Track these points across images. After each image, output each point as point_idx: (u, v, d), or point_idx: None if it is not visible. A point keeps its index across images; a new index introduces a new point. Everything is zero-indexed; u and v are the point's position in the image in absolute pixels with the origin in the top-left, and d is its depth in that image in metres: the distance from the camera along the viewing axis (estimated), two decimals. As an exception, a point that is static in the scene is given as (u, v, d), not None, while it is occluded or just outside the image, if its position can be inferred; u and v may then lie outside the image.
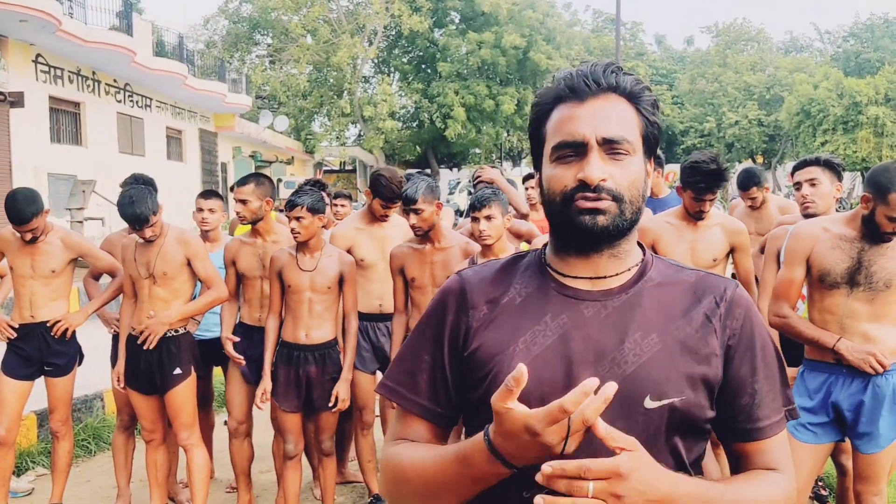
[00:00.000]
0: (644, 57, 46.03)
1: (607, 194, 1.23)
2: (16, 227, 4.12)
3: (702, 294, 1.31)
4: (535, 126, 1.33)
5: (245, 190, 4.26)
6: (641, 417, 1.21)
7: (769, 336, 1.35)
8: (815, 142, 33.21)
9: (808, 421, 3.13)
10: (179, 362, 4.07)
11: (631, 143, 1.26)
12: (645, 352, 1.23)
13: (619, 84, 1.27)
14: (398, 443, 1.35)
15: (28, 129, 14.91)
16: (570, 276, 1.31)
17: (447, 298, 1.37)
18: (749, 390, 1.29)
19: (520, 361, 1.20)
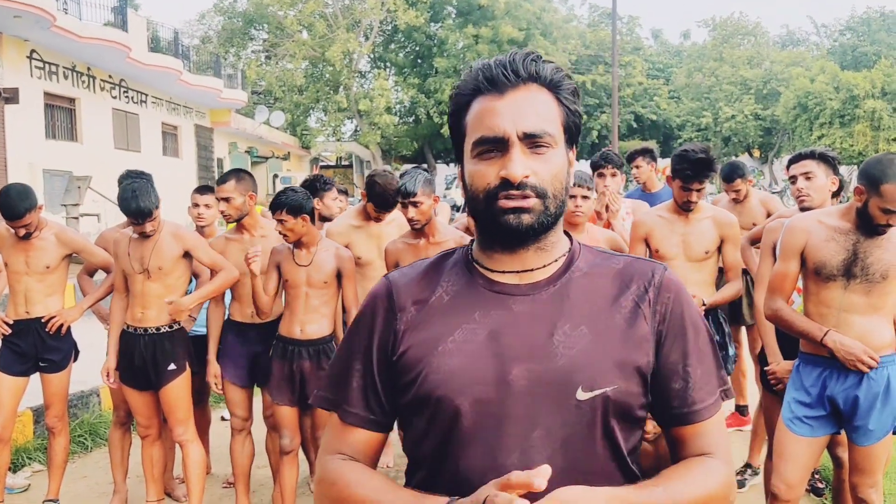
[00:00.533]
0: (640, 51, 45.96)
1: (531, 191, 1.22)
2: (9, 222, 4.11)
3: (630, 280, 1.30)
4: (455, 118, 1.30)
5: (227, 187, 4.20)
6: (574, 409, 1.21)
7: (700, 318, 1.33)
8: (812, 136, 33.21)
9: (805, 414, 3.14)
10: (174, 358, 4.06)
11: (553, 136, 1.24)
12: (575, 343, 1.22)
13: (538, 73, 1.25)
14: (337, 457, 1.34)
15: (23, 126, 14.86)
16: (498, 271, 1.29)
17: (375, 304, 1.36)
18: (681, 374, 1.28)
19: (450, 362, 1.23)
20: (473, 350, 1.23)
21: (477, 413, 1.21)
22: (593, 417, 1.21)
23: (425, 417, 1.26)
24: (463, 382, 1.22)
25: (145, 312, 4.07)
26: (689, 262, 3.93)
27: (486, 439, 1.21)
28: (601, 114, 40.29)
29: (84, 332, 4.62)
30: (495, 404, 1.21)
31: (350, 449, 1.34)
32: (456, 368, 1.23)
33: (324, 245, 4.05)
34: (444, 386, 1.23)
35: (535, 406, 1.20)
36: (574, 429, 1.20)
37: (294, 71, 31.68)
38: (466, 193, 1.28)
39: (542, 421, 1.20)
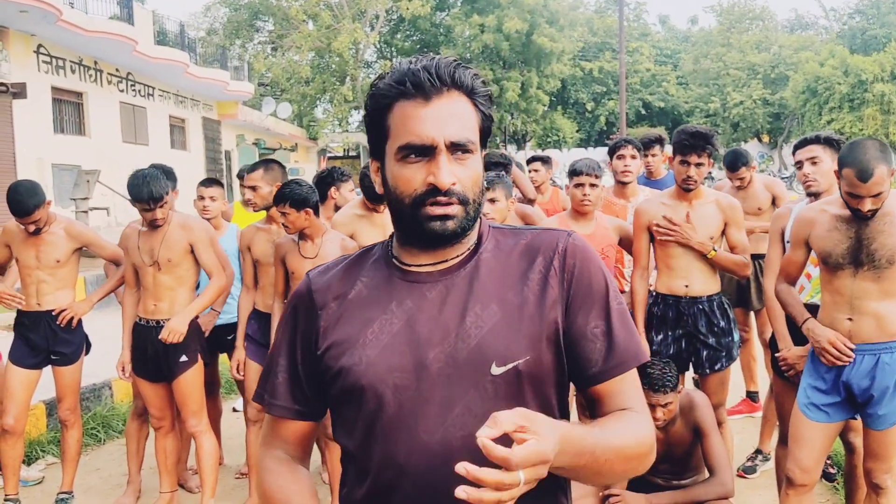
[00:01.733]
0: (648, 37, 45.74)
1: (455, 198, 1.27)
2: (18, 219, 4.14)
3: (536, 252, 1.35)
4: (375, 117, 1.33)
5: (255, 176, 4.27)
6: (490, 385, 1.26)
7: (607, 281, 1.36)
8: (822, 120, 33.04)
9: (821, 401, 3.13)
10: (186, 350, 4.07)
11: (474, 144, 1.29)
12: (486, 322, 1.28)
13: (460, 80, 1.29)
14: (271, 453, 1.44)
15: (31, 120, 14.90)
16: (416, 264, 1.35)
17: (297, 302, 1.43)
18: (590, 335, 1.31)
19: (369, 353, 1.29)
20: (391, 339, 1.30)
21: (399, 399, 1.27)
22: (509, 390, 1.27)
23: (351, 408, 1.33)
24: (383, 371, 1.28)
25: (157, 305, 4.09)
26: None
27: (409, 423, 1.27)
28: (609, 100, 40.16)
29: (96, 324, 4.64)
30: (415, 389, 1.27)
31: (281, 441, 1.43)
32: (376, 359, 1.29)
33: (329, 237, 4.06)
34: (366, 376, 1.29)
35: (452, 387, 1.26)
36: (492, 403, 1.24)
37: (300, 62, 31.65)
38: (387, 193, 1.33)
39: (461, 400, 1.26)
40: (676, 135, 3.93)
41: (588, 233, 4.19)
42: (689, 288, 3.94)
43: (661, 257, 4.02)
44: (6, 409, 4.31)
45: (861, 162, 2.86)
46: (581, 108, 41.16)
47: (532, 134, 38.29)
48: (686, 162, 3.84)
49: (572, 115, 40.82)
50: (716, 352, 3.95)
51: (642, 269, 4.07)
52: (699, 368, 4.02)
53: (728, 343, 3.97)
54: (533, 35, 32.24)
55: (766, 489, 4.38)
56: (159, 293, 4.08)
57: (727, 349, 3.97)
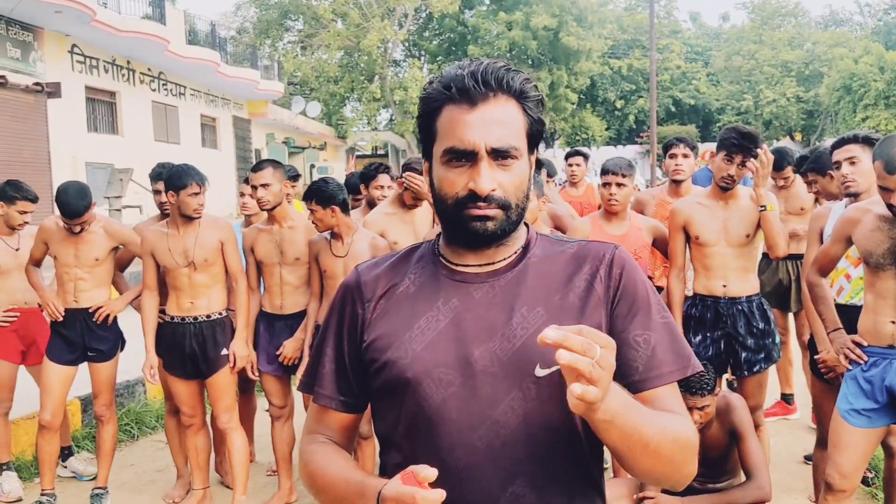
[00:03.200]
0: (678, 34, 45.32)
1: (496, 203, 1.29)
2: (68, 220, 4.19)
3: (582, 261, 1.37)
4: (425, 120, 1.36)
5: (265, 174, 4.19)
6: (533, 386, 1.27)
7: (652, 291, 1.37)
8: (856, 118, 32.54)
9: (862, 406, 3.08)
10: (226, 344, 4.15)
11: (518, 149, 1.31)
12: (532, 324, 1.29)
13: (508, 84, 1.30)
14: (314, 438, 1.46)
15: (65, 119, 15.11)
16: (462, 263, 1.38)
17: (345, 293, 1.46)
18: (633, 344, 1.32)
19: (415, 347, 1.32)
20: (437, 335, 1.32)
21: (443, 394, 1.29)
22: (552, 392, 1.27)
23: (394, 401, 1.35)
24: (428, 366, 1.30)
25: (195, 302, 4.12)
26: (731, 247, 3.87)
27: (453, 418, 1.29)
28: (639, 98, 39.86)
29: (130, 322, 4.69)
30: (459, 385, 1.29)
31: (325, 428, 1.46)
32: (421, 353, 1.31)
33: (360, 235, 4.09)
34: (411, 370, 1.31)
35: (496, 385, 1.28)
36: (534, 403, 1.27)
37: (329, 61, 31.77)
38: (433, 192, 1.36)
39: (504, 398, 1.27)
40: (726, 132, 3.86)
41: (621, 234, 4.15)
42: (728, 288, 3.89)
43: (697, 258, 3.97)
44: (43, 404, 4.37)
45: (889, 154, 2.82)
46: (610, 106, 40.89)
47: (561, 132, 38.13)
48: (730, 160, 3.78)
49: (601, 113, 40.58)
50: (755, 354, 3.89)
51: (678, 270, 4.02)
52: (737, 370, 3.96)
53: (767, 345, 3.91)
54: (561, 33, 32.08)
55: (801, 493, 4.32)
56: (196, 292, 4.12)
57: (766, 351, 3.91)
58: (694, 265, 4.03)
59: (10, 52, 13.73)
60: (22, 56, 14.07)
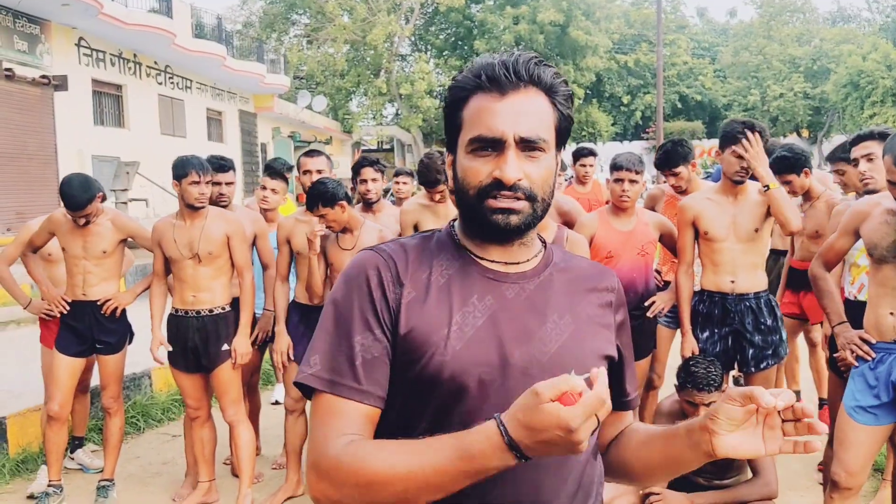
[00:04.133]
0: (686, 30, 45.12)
1: (522, 193, 1.27)
2: (72, 212, 4.19)
3: (597, 281, 1.43)
4: (452, 110, 1.34)
5: (320, 161, 4.38)
6: None
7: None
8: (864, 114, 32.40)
9: (868, 403, 3.07)
10: (227, 339, 4.14)
11: (546, 142, 1.29)
12: (563, 331, 1.32)
13: (539, 77, 1.29)
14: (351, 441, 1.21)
15: (72, 112, 15.12)
16: (488, 259, 1.35)
17: (368, 274, 1.31)
18: (628, 370, 1.48)
19: (456, 343, 1.27)
20: (476, 333, 1.28)
21: (482, 393, 1.27)
22: None
23: (425, 398, 1.28)
24: (468, 364, 1.26)
25: (197, 296, 4.13)
26: (739, 242, 3.86)
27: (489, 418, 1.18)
28: (645, 94, 39.73)
29: (136, 315, 4.69)
30: (499, 385, 1.27)
31: (355, 427, 1.24)
32: (462, 351, 1.27)
33: (367, 228, 4.10)
34: (450, 367, 1.26)
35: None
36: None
37: (335, 55, 31.73)
38: (455, 184, 1.34)
39: None
40: (728, 126, 3.86)
41: (628, 229, 4.14)
42: (736, 284, 3.88)
43: (706, 253, 3.96)
44: (51, 395, 4.39)
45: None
46: (617, 102, 40.78)
47: (567, 127, 38.01)
48: (739, 155, 3.76)
49: (607, 109, 40.47)
50: (762, 350, 3.88)
51: (687, 266, 4.01)
52: (744, 367, 3.95)
53: (775, 341, 3.89)
54: (568, 28, 31.98)
55: (808, 490, 4.31)
56: (199, 284, 4.11)
57: (774, 348, 3.89)
58: (702, 261, 4.02)
59: (17, 45, 13.74)
60: (29, 49, 14.08)
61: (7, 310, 7.50)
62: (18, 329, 7.31)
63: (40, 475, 4.61)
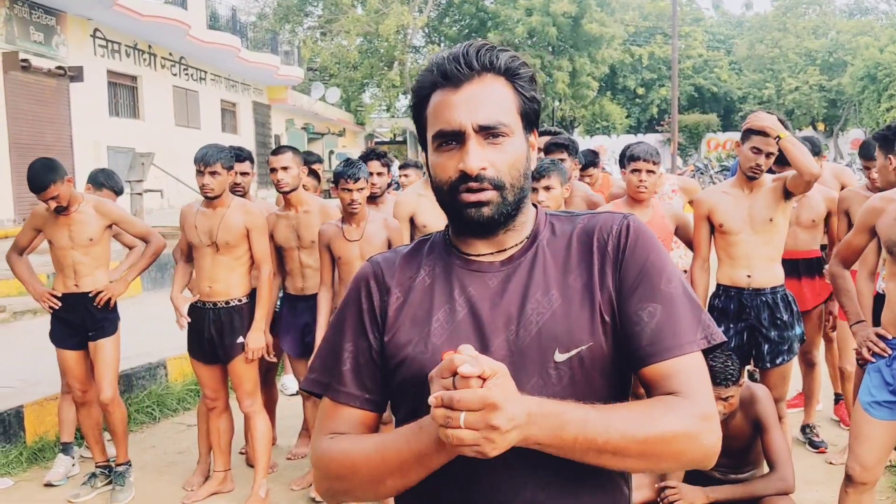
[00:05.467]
0: (701, 22, 44.86)
1: (488, 183, 1.26)
2: (36, 196, 4.14)
3: (591, 235, 1.33)
4: (417, 110, 1.34)
5: (285, 158, 4.32)
6: (553, 371, 1.25)
7: (665, 259, 1.31)
8: (880, 107, 32.12)
9: (883, 398, 3.05)
10: (242, 331, 4.14)
11: (508, 126, 1.27)
12: (547, 308, 1.27)
13: (493, 63, 1.28)
14: (332, 437, 1.33)
15: (88, 103, 15.19)
16: (474, 253, 1.35)
17: (362, 285, 1.39)
18: (644, 314, 1.27)
19: (436, 340, 1.29)
20: (456, 327, 1.29)
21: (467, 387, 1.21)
22: (573, 377, 1.26)
23: (416, 397, 1.27)
24: None
25: (213, 287, 4.13)
26: (756, 234, 3.84)
27: None
28: (660, 87, 39.52)
29: (148, 306, 4.72)
30: None
31: (346, 428, 1.35)
32: (441, 346, 1.27)
33: (372, 217, 4.11)
34: (431, 363, 1.22)
35: (517, 374, 1.20)
36: (556, 390, 1.24)
37: (348, 47, 31.73)
38: (431, 183, 1.34)
39: (524, 388, 1.21)
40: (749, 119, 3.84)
41: (644, 221, 4.12)
42: (752, 279, 3.86)
43: (722, 246, 3.94)
44: (70, 384, 4.40)
45: None
46: (631, 94, 40.60)
47: (580, 120, 37.91)
48: (758, 149, 3.74)
49: (622, 101, 40.29)
50: (777, 345, 3.86)
51: (703, 260, 4.00)
52: (760, 362, 3.93)
53: (790, 337, 3.87)
54: (582, 20, 31.82)
55: (823, 485, 4.29)
56: (216, 275, 4.12)
57: (790, 343, 3.87)
58: (718, 254, 4.00)
59: (33, 36, 13.80)
60: (45, 40, 14.14)
61: (22, 299, 7.55)
62: (35, 318, 7.37)
63: (57, 463, 4.64)
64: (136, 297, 7.82)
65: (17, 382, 5.45)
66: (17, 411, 4.95)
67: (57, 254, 4.34)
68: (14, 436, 4.90)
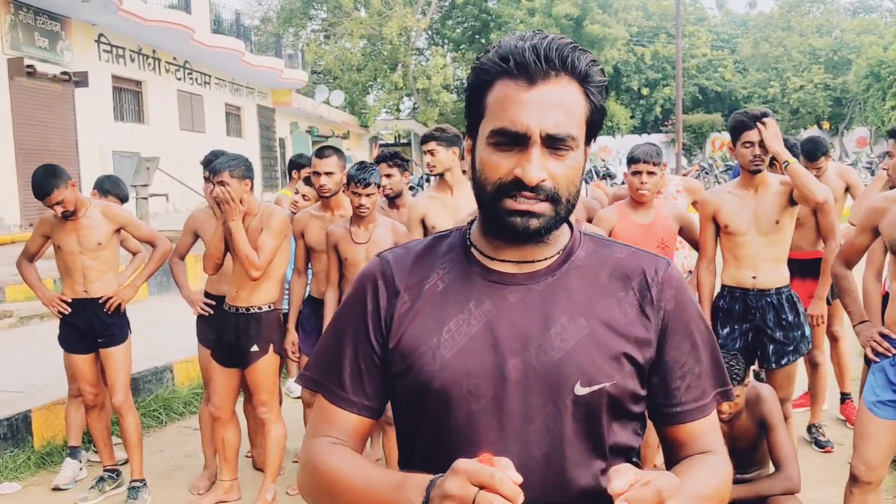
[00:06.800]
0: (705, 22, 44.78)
1: (544, 195, 1.16)
2: (41, 201, 4.17)
3: (632, 272, 1.26)
4: (475, 94, 1.22)
5: (330, 162, 4.32)
6: (571, 405, 1.18)
7: (700, 315, 1.31)
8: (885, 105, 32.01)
9: (888, 398, 3.05)
10: (257, 339, 4.08)
11: (575, 139, 1.17)
12: (572, 336, 1.19)
13: (573, 65, 1.16)
14: (323, 440, 1.29)
15: (93, 108, 15.25)
16: (496, 259, 1.25)
17: (368, 283, 1.30)
18: (679, 373, 1.26)
19: (444, 353, 1.19)
20: (468, 342, 1.20)
21: (471, 407, 1.18)
22: (591, 413, 1.19)
23: (419, 410, 1.23)
24: (458, 375, 1.18)
25: (239, 293, 4.11)
26: (761, 235, 3.85)
27: (482, 433, 1.18)
28: (664, 87, 39.47)
29: (155, 310, 4.73)
30: (491, 397, 1.18)
31: (338, 432, 1.29)
32: (450, 361, 1.19)
33: (380, 222, 4.12)
34: (439, 378, 1.19)
35: (530, 400, 1.17)
36: (571, 423, 1.18)
37: (352, 49, 31.78)
38: (473, 175, 1.23)
39: (538, 415, 1.17)
40: (735, 119, 3.86)
41: (647, 222, 4.13)
42: (757, 280, 3.86)
43: (727, 247, 3.95)
44: (81, 387, 4.41)
45: None
46: (635, 94, 40.55)
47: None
48: (749, 143, 3.75)
49: (625, 101, 40.25)
50: (783, 346, 3.86)
51: (708, 261, 4.01)
52: (765, 363, 3.93)
53: (796, 337, 3.87)
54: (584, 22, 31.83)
55: (829, 485, 4.29)
56: (241, 281, 4.07)
57: (795, 343, 3.87)
58: (723, 255, 4.00)
59: (38, 42, 13.86)
60: (50, 46, 14.20)
61: (30, 304, 7.59)
62: (42, 323, 7.40)
63: (65, 468, 4.66)
64: (142, 302, 7.85)
65: (25, 387, 5.47)
66: (24, 416, 4.97)
67: (66, 259, 4.35)
68: (22, 440, 4.93)
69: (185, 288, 4.59)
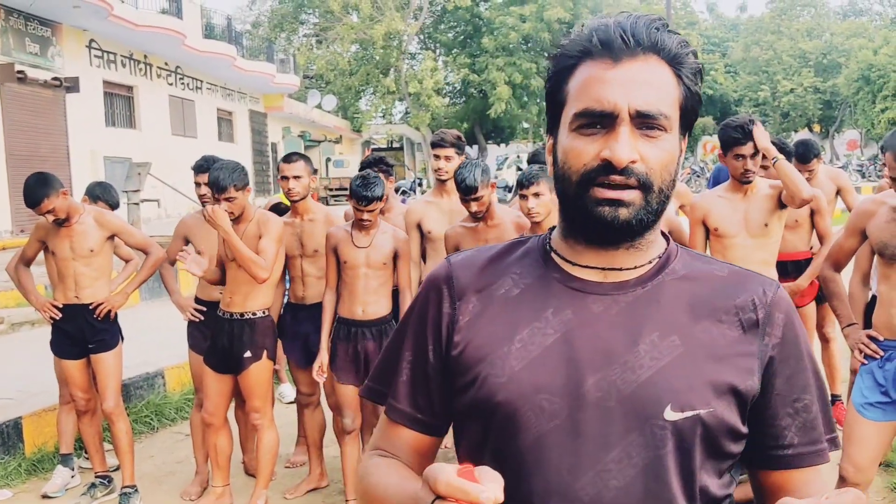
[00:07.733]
0: (696, 25, 45.00)
1: (635, 179, 1.03)
2: (32, 210, 4.16)
3: (735, 291, 1.11)
4: (555, 82, 1.11)
5: (297, 166, 4.31)
6: (659, 431, 1.04)
7: (810, 348, 1.17)
8: (875, 108, 32.23)
9: (876, 399, 3.08)
10: (250, 346, 4.08)
11: (669, 119, 1.05)
12: (664, 355, 1.05)
13: (662, 44, 1.05)
14: (374, 454, 1.21)
15: (84, 114, 15.23)
16: (579, 265, 1.12)
17: (431, 287, 1.19)
18: (791, 409, 1.11)
19: (514, 364, 1.08)
20: (542, 353, 1.07)
21: (542, 427, 1.06)
22: (681, 442, 1.04)
23: (480, 425, 1.11)
24: (528, 390, 1.06)
25: (233, 298, 4.10)
26: (751, 237, 3.88)
27: (552, 458, 1.05)
28: (655, 91, 39.62)
29: (147, 315, 4.73)
30: (564, 418, 1.05)
31: (395, 448, 1.20)
32: (521, 373, 1.07)
33: (382, 227, 4.11)
34: (505, 392, 1.07)
35: (610, 424, 1.04)
36: (658, 453, 1.04)
37: (344, 54, 31.83)
38: (556, 171, 1.11)
39: (620, 442, 1.04)
40: (722, 132, 3.88)
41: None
42: (747, 282, 3.89)
43: (716, 250, 3.97)
44: (73, 393, 4.39)
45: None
46: (626, 98, 40.75)
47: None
48: (740, 156, 3.78)
49: (617, 105, 40.44)
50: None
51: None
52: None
53: None
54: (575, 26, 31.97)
55: (820, 487, 4.31)
56: (236, 287, 4.06)
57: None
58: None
59: (29, 48, 13.84)
60: (41, 51, 14.18)
61: (21, 311, 7.57)
62: (33, 330, 7.39)
63: (55, 475, 4.65)
64: (134, 307, 7.84)
65: (16, 393, 5.46)
66: (15, 422, 4.96)
67: (59, 265, 4.34)
68: (13, 447, 4.91)
69: (175, 293, 4.60)
